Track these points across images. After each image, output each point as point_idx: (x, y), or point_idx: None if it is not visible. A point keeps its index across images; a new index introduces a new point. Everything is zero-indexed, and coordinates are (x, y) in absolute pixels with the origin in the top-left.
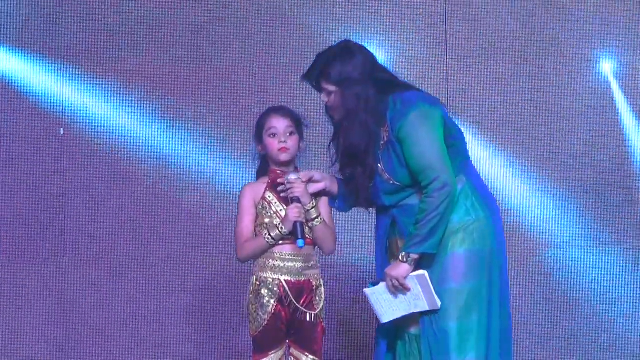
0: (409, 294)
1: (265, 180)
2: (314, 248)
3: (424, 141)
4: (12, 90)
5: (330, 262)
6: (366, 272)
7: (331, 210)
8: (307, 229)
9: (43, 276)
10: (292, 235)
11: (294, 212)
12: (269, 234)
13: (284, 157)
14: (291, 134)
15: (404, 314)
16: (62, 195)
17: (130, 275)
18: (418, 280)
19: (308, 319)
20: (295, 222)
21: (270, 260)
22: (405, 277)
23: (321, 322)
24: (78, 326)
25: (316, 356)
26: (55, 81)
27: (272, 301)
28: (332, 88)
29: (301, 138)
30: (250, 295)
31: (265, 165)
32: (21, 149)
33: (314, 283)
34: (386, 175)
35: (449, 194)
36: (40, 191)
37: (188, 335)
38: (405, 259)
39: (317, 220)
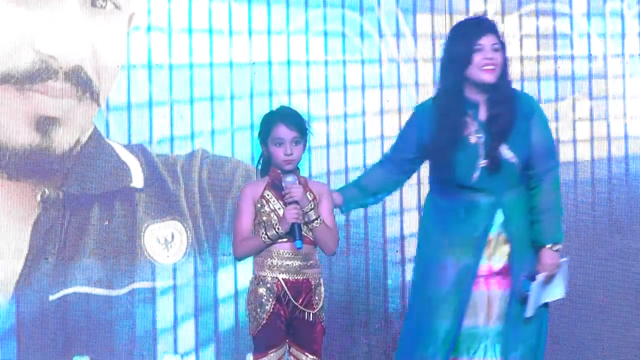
0: (553, 282)
1: (266, 180)
2: (315, 247)
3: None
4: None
5: (331, 261)
6: (368, 271)
7: (333, 211)
8: (306, 229)
9: (43, 276)
10: (290, 236)
11: (292, 213)
12: (266, 233)
13: (288, 167)
14: (297, 143)
15: (541, 302)
16: (62, 194)
17: (131, 275)
18: (563, 267)
19: (307, 318)
20: (292, 224)
21: (269, 259)
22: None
23: (320, 322)
24: (79, 326)
25: (316, 356)
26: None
27: (270, 300)
28: (499, 46)
29: (305, 142)
30: (250, 295)
31: (268, 163)
32: (21, 149)
33: (312, 282)
34: (509, 153)
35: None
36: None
37: (191, 333)
38: (555, 248)
39: (316, 221)
